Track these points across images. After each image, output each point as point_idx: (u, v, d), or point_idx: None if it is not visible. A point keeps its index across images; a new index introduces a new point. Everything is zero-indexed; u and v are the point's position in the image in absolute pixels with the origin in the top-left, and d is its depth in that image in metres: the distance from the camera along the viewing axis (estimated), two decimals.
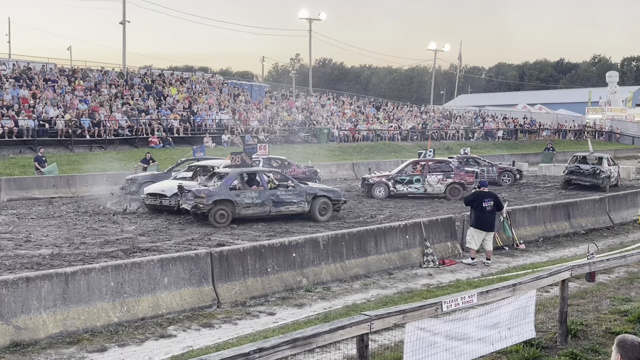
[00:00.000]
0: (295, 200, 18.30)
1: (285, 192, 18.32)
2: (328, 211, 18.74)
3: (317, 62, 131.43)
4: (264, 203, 17.86)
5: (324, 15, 64.84)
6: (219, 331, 9.08)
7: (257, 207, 17.81)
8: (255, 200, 17.77)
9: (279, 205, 18.09)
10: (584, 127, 68.08)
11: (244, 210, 17.65)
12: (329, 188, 19.72)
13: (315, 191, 18.80)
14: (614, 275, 12.24)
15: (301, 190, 18.51)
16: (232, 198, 17.50)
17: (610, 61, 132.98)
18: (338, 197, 19.05)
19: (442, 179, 23.99)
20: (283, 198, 18.18)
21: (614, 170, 28.92)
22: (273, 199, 18.00)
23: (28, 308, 8.46)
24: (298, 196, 18.36)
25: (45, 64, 43.72)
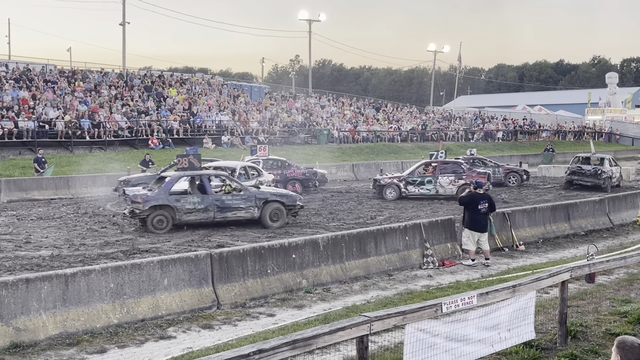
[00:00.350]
0: (243, 206, 17.28)
1: (232, 197, 17.29)
2: (281, 217, 17.63)
3: (316, 63, 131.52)
4: (207, 209, 16.91)
5: (323, 16, 64.97)
6: (218, 332, 9.08)
7: (200, 213, 16.86)
8: (198, 206, 16.82)
9: (225, 211, 17.11)
10: (584, 128, 68.09)
11: (185, 217, 16.74)
12: (283, 192, 18.59)
13: (266, 196, 17.68)
14: (613, 276, 12.24)
15: (250, 195, 17.43)
16: (171, 203, 16.60)
17: (610, 62, 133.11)
18: (293, 202, 17.90)
19: (454, 180, 23.87)
20: (229, 203, 17.19)
21: (615, 170, 28.95)
22: (218, 204, 17.03)
23: (28, 309, 8.47)
24: (246, 201, 17.31)
25: (45, 65, 43.71)
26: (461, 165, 24.95)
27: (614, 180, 28.53)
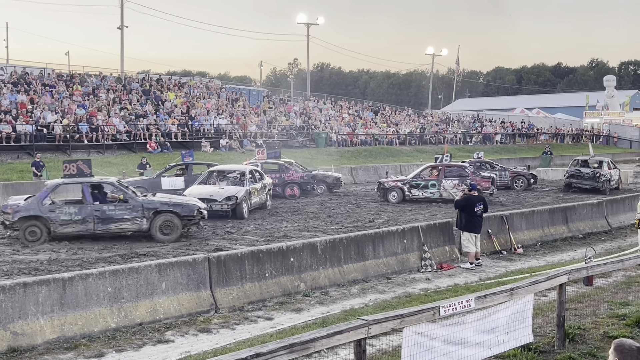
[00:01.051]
0: (127, 217, 15.70)
1: (115, 207, 15.73)
2: (174, 230, 15.88)
3: (315, 67, 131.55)
4: (85, 220, 15.52)
5: (322, 20, 64.99)
6: (216, 336, 9.07)
7: (78, 225, 15.50)
8: (75, 217, 15.47)
9: (107, 222, 15.63)
10: (582, 131, 68.17)
11: (61, 228, 15.44)
12: (178, 201, 16.43)
13: (156, 205, 15.93)
14: (611, 279, 12.24)
15: (136, 205, 15.78)
16: (44, 214, 15.37)
17: (608, 65, 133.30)
18: (189, 212, 15.98)
19: (458, 184, 23.52)
20: (111, 214, 15.66)
21: (614, 173, 29.06)
22: (98, 214, 15.57)
23: (25, 313, 8.45)
24: (132, 211, 15.71)
25: (43, 69, 43.69)
26: (465, 169, 24.89)
27: (613, 183, 28.63)
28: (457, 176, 24.32)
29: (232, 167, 23.17)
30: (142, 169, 27.65)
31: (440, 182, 24.16)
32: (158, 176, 24.70)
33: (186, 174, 24.89)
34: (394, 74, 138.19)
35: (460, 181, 23.75)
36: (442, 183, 24.13)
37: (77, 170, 16.13)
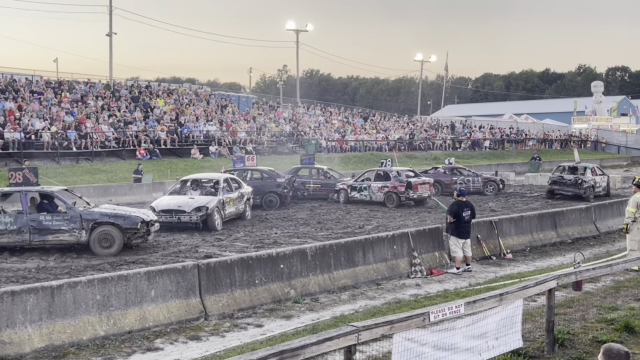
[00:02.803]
0: (65, 228, 14.91)
1: (52, 218, 15.00)
2: (114, 243, 14.98)
3: (304, 73, 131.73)
4: (21, 230, 14.82)
5: (311, 26, 65.31)
6: (206, 344, 9.03)
7: (14, 235, 14.84)
8: (10, 227, 14.80)
9: (45, 233, 14.91)
10: (570, 136, 68.59)
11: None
12: (120, 213, 15.48)
13: (95, 217, 15.08)
14: (600, 284, 12.29)
15: (74, 215, 14.96)
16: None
17: (596, 71, 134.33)
18: (131, 224, 15.05)
19: (381, 187, 25.42)
20: (47, 224, 14.91)
21: (600, 180, 28.61)
22: (34, 225, 14.85)
23: (13, 322, 8.39)
24: (69, 222, 14.91)
25: (31, 76, 43.53)
26: (390, 173, 25.96)
27: (599, 189, 28.28)
28: (383, 180, 25.77)
29: (206, 175, 22.40)
30: (139, 174, 27.85)
31: (370, 186, 25.77)
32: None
33: None
34: (383, 81, 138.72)
35: (383, 185, 25.41)
36: (371, 186, 25.72)
37: (23, 178, 15.68)
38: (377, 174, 26.29)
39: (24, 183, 15.61)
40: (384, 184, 25.44)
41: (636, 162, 57.64)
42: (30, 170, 15.95)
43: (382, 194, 25.35)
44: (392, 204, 24.97)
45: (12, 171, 15.91)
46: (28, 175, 15.72)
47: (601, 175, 29.25)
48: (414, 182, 25.24)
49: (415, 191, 25.02)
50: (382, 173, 26.25)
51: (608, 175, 30.52)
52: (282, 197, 24.49)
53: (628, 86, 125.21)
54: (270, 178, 25.11)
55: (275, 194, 24.45)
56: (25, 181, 15.65)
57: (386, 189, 25.27)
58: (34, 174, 15.87)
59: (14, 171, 15.86)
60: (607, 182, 29.35)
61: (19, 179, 15.63)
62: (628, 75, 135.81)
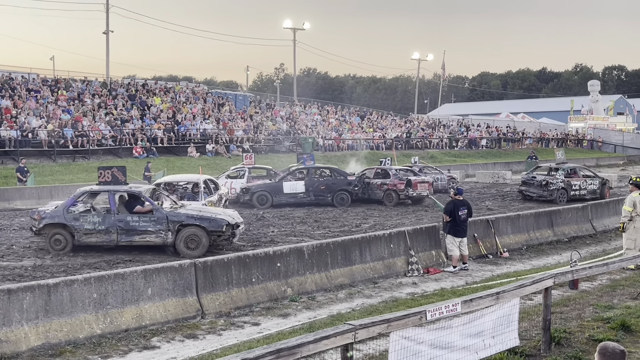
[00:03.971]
0: (151, 229, 14.87)
1: (139, 219, 14.97)
2: (200, 245, 14.80)
3: (301, 72, 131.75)
4: (108, 230, 14.86)
5: (308, 25, 65.17)
6: (203, 342, 9.03)
7: (101, 235, 14.88)
8: (98, 227, 14.86)
9: (131, 233, 14.89)
10: (566, 135, 68.69)
11: (85, 238, 14.88)
12: (206, 215, 15.23)
13: (181, 218, 14.96)
14: (596, 282, 12.32)
15: (160, 217, 14.90)
16: (68, 222, 14.87)
17: (592, 70, 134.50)
18: (216, 227, 14.84)
19: (381, 185, 25.55)
20: (134, 225, 14.91)
21: (584, 183, 26.49)
22: (121, 225, 14.89)
23: (9, 320, 8.38)
24: (156, 224, 14.87)
25: (27, 74, 43.43)
26: (389, 171, 25.95)
27: (583, 192, 26.23)
28: (382, 177, 25.92)
29: (183, 177, 21.47)
30: (148, 172, 27.82)
31: (369, 183, 25.89)
32: (280, 180, 24.86)
33: (306, 177, 25.04)
34: (380, 79, 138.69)
35: (382, 182, 25.46)
36: (371, 183, 25.85)
37: (112, 177, 15.48)
38: (377, 172, 26.34)
39: (112, 182, 15.47)
40: (383, 182, 25.53)
41: (632, 161, 57.76)
42: (119, 169, 15.76)
43: (382, 191, 25.41)
44: (391, 202, 25.02)
45: (101, 169, 15.71)
46: (117, 174, 15.52)
47: (590, 177, 27.27)
48: (414, 180, 25.28)
49: (414, 189, 25.06)
50: (380, 171, 26.31)
51: (603, 178, 28.04)
52: (353, 195, 24.76)
53: (625, 85, 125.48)
54: (341, 176, 25.40)
55: (346, 191, 24.71)
56: (114, 180, 15.48)
57: (385, 187, 25.34)
58: (123, 173, 15.67)
59: (103, 170, 15.68)
60: (601, 185, 27.06)
61: (108, 178, 15.46)
62: (625, 74, 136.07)
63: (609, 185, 27.77)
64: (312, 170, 25.52)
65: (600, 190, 26.87)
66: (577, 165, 29.33)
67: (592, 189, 26.74)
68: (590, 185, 26.76)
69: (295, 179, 24.99)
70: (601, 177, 27.90)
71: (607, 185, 27.40)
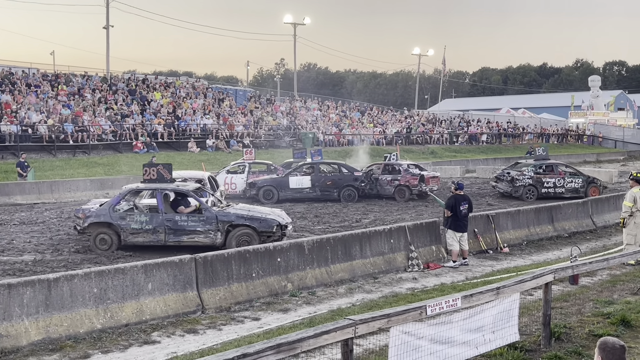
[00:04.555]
0: (200, 229, 14.46)
1: (187, 218, 14.56)
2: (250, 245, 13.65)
3: (301, 67, 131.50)
4: (156, 230, 14.48)
5: (308, 20, 65.08)
6: (203, 337, 9.04)
7: (149, 235, 14.49)
8: (146, 226, 14.48)
9: (179, 233, 14.48)
10: (567, 131, 68.64)
11: (131, 237, 14.47)
12: (256, 215, 14.89)
13: (231, 218, 14.59)
14: (596, 278, 12.32)
15: (210, 217, 14.52)
16: (114, 221, 14.47)
17: (593, 65, 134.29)
18: (267, 227, 14.49)
19: (391, 181, 25.38)
20: (183, 225, 14.52)
21: (559, 181, 25.29)
22: (169, 225, 14.49)
23: (10, 315, 8.38)
24: (205, 224, 14.48)
25: (27, 69, 43.39)
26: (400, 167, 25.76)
27: (558, 190, 25.18)
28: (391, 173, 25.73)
29: (187, 174, 20.33)
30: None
31: (378, 179, 25.72)
32: (286, 175, 24.84)
33: (313, 172, 24.98)
34: (380, 74, 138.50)
35: (393, 178, 25.31)
36: (380, 179, 25.65)
37: (157, 175, 14.99)
38: (385, 168, 26.01)
39: (157, 180, 15.00)
40: (394, 177, 25.23)
41: (633, 157, 57.71)
42: (165, 166, 15.23)
43: (392, 187, 25.16)
44: (404, 197, 24.78)
45: (146, 167, 15.19)
46: (162, 172, 14.99)
47: (573, 175, 25.85)
48: (427, 176, 25.19)
49: (427, 184, 24.90)
50: (389, 166, 25.99)
51: (589, 176, 26.22)
52: (360, 191, 24.65)
53: (625, 81, 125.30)
54: (347, 171, 25.24)
55: (353, 187, 24.60)
56: (159, 177, 14.99)
57: (397, 183, 25.07)
58: (168, 170, 15.14)
59: (149, 167, 15.17)
60: (586, 183, 25.44)
61: (153, 176, 14.95)
62: (625, 69, 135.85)
63: (601, 184, 26.00)
64: (318, 165, 25.43)
65: (585, 189, 25.21)
66: (557, 162, 27.78)
67: (573, 187, 25.38)
68: (571, 183, 25.41)
69: (302, 174, 24.94)
70: (587, 175, 26.25)
71: (595, 184, 25.55)
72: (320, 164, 25.59)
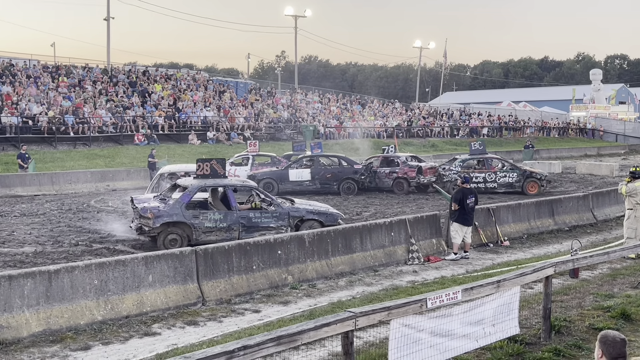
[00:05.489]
0: (273, 225, 14.50)
1: (261, 214, 14.54)
2: None
3: (302, 59, 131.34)
4: (230, 227, 14.27)
5: (309, 12, 64.88)
6: (203, 329, 9.05)
7: (222, 232, 14.20)
8: (220, 224, 14.21)
9: (252, 230, 14.32)
10: (568, 124, 68.56)
11: (204, 236, 14.05)
12: (322, 209, 15.31)
13: (302, 214, 14.79)
14: (597, 271, 12.33)
15: (282, 212, 14.63)
16: (187, 220, 13.99)
17: (594, 59, 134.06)
18: (332, 222, 14.75)
19: (389, 173, 25.39)
20: (257, 222, 14.45)
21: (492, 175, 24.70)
22: (243, 222, 14.34)
23: (11, 306, 8.39)
24: (278, 219, 14.56)
25: (28, 60, 43.33)
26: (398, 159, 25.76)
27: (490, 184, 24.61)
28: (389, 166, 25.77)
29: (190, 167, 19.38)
30: (152, 158, 27.75)
31: (377, 172, 25.71)
32: (286, 168, 24.90)
33: (313, 165, 24.95)
34: (381, 67, 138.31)
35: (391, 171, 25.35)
36: (378, 172, 25.66)
37: (211, 170, 14.76)
38: (382, 160, 26.05)
39: (211, 175, 14.74)
40: (392, 170, 25.27)
41: (634, 151, 57.70)
42: (218, 161, 15.03)
43: (390, 180, 25.19)
44: (402, 190, 24.81)
45: (199, 162, 14.88)
46: (216, 167, 14.75)
47: (506, 169, 25.18)
48: (424, 167, 25.14)
49: (425, 176, 24.87)
50: (387, 159, 26.03)
51: (526, 170, 25.29)
52: (359, 184, 24.57)
53: (627, 74, 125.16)
54: (347, 164, 25.18)
55: (353, 180, 24.52)
56: (213, 173, 14.73)
57: (395, 175, 25.13)
58: (222, 165, 14.94)
59: (202, 162, 14.84)
60: (522, 178, 24.65)
61: (207, 171, 14.69)
62: (627, 63, 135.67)
63: (543, 179, 24.97)
64: (318, 158, 25.43)
65: (522, 184, 24.53)
66: (492, 157, 26.79)
67: (507, 182, 24.73)
68: (504, 178, 24.73)
69: (302, 167, 24.92)
70: (524, 170, 25.28)
71: (533, 179, 24.68)
72: (320, 157, 25.58)
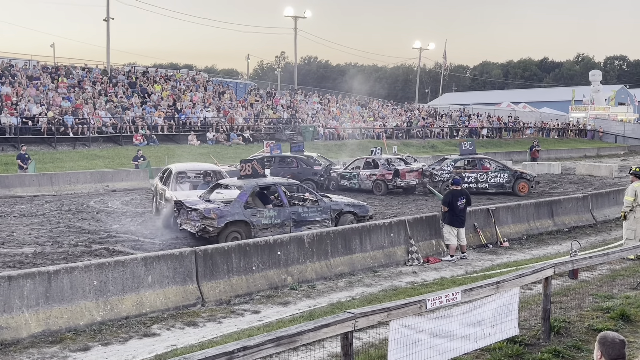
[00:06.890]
0: (318, 219, 15.33)
1: (308, 209, 15.41)
2: None
3: (302, 60, 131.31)
4: (284, 223, 14.92)
5: (309, 13, 64.89)
6: (203, 330, 9.05)
7: (277, 228, 14.71)
8: (274, 220, 14.83)
9: (301, 224, 15.07)
10: (567, 125, 68.59)
11: (260, 233, 14.46)
12: (355, 202, 16.58)
13: (341, 207, 15.82)
14: (596, 272, 12.33)
15: (325, 207, 15.56)
16: (247, 218, 14.49)
17: (594, 60, 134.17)
18: (364, 213, 16.10)
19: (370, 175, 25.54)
20: (305, 216, 15.25)
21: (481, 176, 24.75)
22: (294, 217, 15.10)
23: (10, 307, 8.39)
24: (322, 213, 15.44)
25: (28, 61, 43.31)
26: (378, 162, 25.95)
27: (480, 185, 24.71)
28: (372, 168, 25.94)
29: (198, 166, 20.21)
30: (136, 161, 27.90)
31: (359, 174, 26.00)
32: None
33: (272, 166, 24.78)
34: (381, 68, 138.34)
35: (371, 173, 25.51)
36: (360, 174, 25.95)
37: (252, 170, 15.53)
38: (366, 162, 26.39)
39: (253, 175, 15.54)
40: (372, 172, 25.63)
41: (633, 152, 57.75)
42: (258, 161, 15.98)
43: (370, 181, 25.53)
44: (380, 191, 25.10)
45: (242, 163, 15.80)
46: (256, 167, 15.62)
47: (497, 169, 25.14)
48: (402, 170, 25.26)
49: (402, 179, 25.04)
50: (371, 161, 26.31)
51: (517, 171, 25.35)
52: (319, 185, 24.53)
53: (626, 75, 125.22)
54: (307, 166, 25.30)
55: (312, 181, 24.48)
56: (254, 173, 15.57)
57: (374, 177, 25.46)
58: (261, 165, 15.96)
59: (244, 163, 15.75)
60: (513, 178, 24.69)
61: (249, 171, 15.50)
62: (626, 64, 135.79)
63: (533, 179, 25.07)
64: (277, 158, 25.56)
65: (512, 184, 24.60)
66: (483, 157, 26.99)
67: (498, 182, 24.72)
68: (495, 178, 24.72)
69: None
70: (514, 170, 25.29)
71: (524, 179, 24.79)
72: (279, 157, 25.70)
